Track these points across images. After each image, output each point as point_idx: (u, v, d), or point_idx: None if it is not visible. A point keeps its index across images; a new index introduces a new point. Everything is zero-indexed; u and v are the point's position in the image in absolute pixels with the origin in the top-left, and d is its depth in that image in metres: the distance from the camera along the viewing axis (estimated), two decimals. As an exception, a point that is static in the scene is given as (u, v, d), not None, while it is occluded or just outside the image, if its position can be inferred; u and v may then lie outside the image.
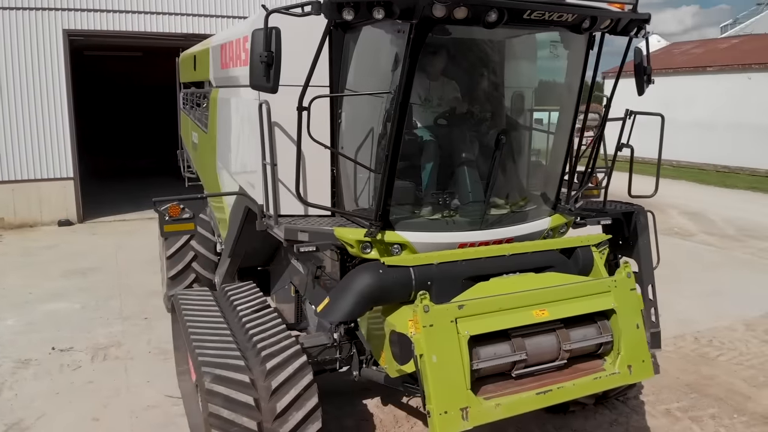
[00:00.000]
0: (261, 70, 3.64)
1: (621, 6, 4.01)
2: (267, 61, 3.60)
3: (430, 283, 3.86)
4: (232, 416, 4.14)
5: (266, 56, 3.59)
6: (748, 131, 20.44)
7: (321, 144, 4.00)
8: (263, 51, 3.60)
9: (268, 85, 3.68)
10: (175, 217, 4.81)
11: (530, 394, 3.75)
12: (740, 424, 5.57)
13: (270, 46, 3.62)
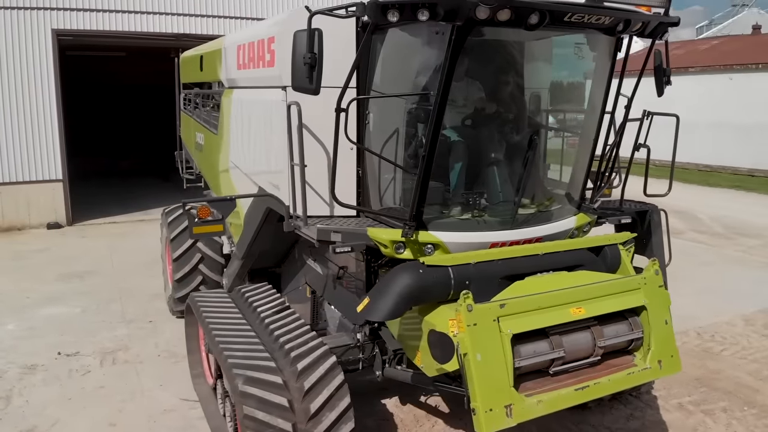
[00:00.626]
0: (304, 71, 3.64)
1: (648, 8, 4.10)
2: (310, 63, 3.60)
3: (468, 282, 3.89)
4: (267, 418, 4.13)
5: (310, 58, 3.59)
6: (730, 131, 20.90)
7: (359, 146, 4.01)
8: (307, 52, 3.60)
9: (311, 86, 3.68)
10: (204, 219, 4.77)
11: (569, 390, 3.82)
12: (751, 416, 5.71)
13: (313, 47, 3.62)
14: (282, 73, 4.61)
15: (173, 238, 7.76)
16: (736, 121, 20.71)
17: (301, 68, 3.67)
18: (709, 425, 5.57)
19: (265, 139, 5.16)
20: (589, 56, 4.38)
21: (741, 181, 20.13)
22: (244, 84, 5.73)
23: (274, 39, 4.65)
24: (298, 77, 3.72)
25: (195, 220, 4.72)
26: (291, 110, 4.43)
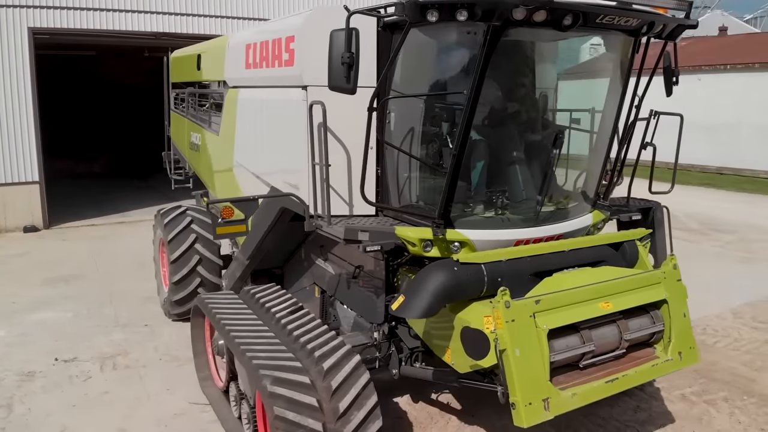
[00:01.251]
0: (341, 71, 3.63)
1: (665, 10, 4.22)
2: (348, 62, 3.60)
3: (500, 279, 3.95)
4: (297, 418, 4.11)
5: (348, 57, 3.59)
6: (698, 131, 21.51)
7: (391, 145, 4.03)
8: (345, 52, 3.59)
9: (348, 86, 3.69)
10: (227, 219, 4.71)
11: (600, 383, 3.91)
12: (751, 405, 5.91)
13: (351, 47, 3.62)
14: (303, 73, 4.61)
15: (171, 240, 7.63)
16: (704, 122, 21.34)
17: (338, 68, 3.67)
18: (713, 414, 5.75)
19: (280, 138, 5.13)
20: (609, 57, 4.49)
21: (710, 179, 20.76)
22: (253, 83, 5.68)
23: (293, 38, 4.63)
24: (335, 77, 3.72)
25: (218, 221, 4.67)
26: (313, 110, 4.42)
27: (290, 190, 4.94)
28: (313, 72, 4.59)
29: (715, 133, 21.21)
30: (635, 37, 4.18)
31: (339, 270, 5.57)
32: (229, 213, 4.67)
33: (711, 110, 21.10)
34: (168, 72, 9.65)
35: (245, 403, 5.19)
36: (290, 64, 4.75)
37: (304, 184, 4.79)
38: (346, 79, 3.67)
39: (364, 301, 5.21)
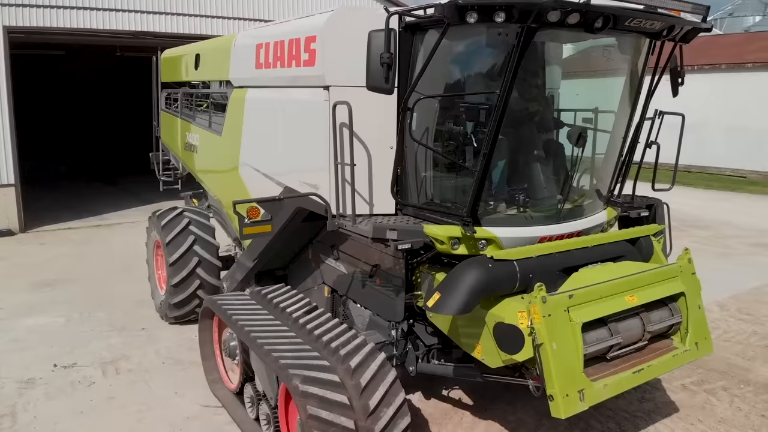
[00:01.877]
0: (380, 71, 3.67)
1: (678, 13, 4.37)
2: (388, 63, 3.63)
3: (531, 275, 4.04)
4: (330, 416, 4.13)
5: (388, 57, 3.62)
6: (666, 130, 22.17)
7: (422, 144, 4.08)
8: (384, 52, 3.63)
9: (386, 86, 3.72)
10: (254, 220, 4.68)
11: (628, 374, 4.04)
12: (749, 393, 6.16)
13: (390, 47, 3.65)
14: (325, 73, 4.62)
15: (169, 242, 7.53)
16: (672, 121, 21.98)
17: (377, 68, 3.70)
18: (714, 403, 5.96)
19: (298, 138, 5.12)
20: (628, 59, 4.62)
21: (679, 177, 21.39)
22: (265, 83, 5.65)
23: (315, 38, 4.63)
24: (374, 77, 3.75)
25: (245, 221, 4.64)
26: (337, 110, 4.45)
27: (308, 190, 4.94)
28: (335, 72, 4.62)
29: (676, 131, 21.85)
30: (656, 39, 4.34)
31: (352, 269, 5.59)
32: (255, 213, 4.65)
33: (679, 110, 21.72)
34: (158, 72, 9.49)
35: (264, 404, 5.18)
36: (310, 64, 4.75)
37: (324, 183, 4.80)
38: (384, 79, 3.71)
39: (381, 300, 5.24)
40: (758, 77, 20.75)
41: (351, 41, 4.56)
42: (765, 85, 20.55)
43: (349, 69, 4.60)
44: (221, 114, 7.02)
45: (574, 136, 4.53)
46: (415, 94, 4.00)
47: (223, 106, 7.10)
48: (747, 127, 20.92)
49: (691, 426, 5.53)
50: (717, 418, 5.66)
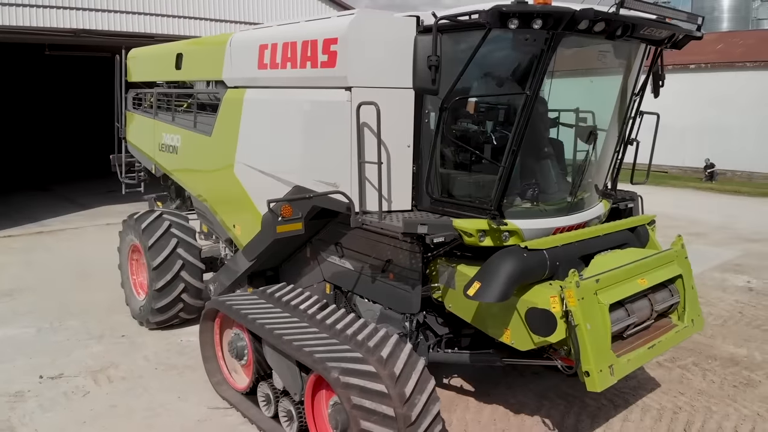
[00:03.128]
0: (427, 73, 3.85)
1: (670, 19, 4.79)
2: (436, 65, 3.82)
3: (558, 263, 4.35)
4: (373, 405, 4.28)
5: (435, 60, 3.81)
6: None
7: (456, 142, 4.29)
8: (432, 55, 3.81)
9: (433, 87, 3.91)
10: (287, 218, 4.72)
11: (644, 349, 4.44)
12: (717, 367, 6.78)
13: (437, 50, 3.84)
14: (348, 74, 4.74)
15: (151, 246, 7.37)
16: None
17: (424, 70, 3.88)
18: (689, 377, 6.54)
19: (314, 137, 5.20)
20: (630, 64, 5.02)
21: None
22: (270, 84, 5.67)
23: (336, 40, 4.75)
24: (421, 78, 3.92)
25: (278, 219, 4.67)
26: (361, 110, 4.60)
27: (326, 188, 5.04)
28: (357, 73, 4.74)
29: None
30: (657, 46, 4.77)
31: (360, 265, 5.72)
32: (288, 212, 4.71)
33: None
34: (122, 72, 9.19)
35: (286, 401, 5.23)
36: (330, 66, 4.86)
37: (345, 181, 4.91)
38: (432, 81, 3.90)
39: (394, 293, 5.39)
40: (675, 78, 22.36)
41: (372, 43, 4.73)
42: (681, 85, 22.16)
43: (370, 70, 4.76)
44: (209, 114, 6.95)
45: (585, 133, 4.90)
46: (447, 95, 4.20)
47: (211, 106, 7.05)
48: (668, 126, 22.50)
49: (675, 398, 6.05)
50: (695, 390, 6.21)
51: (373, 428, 4.22)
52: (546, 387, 6.30)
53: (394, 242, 5.25)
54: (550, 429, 5.54)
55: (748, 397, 6.03)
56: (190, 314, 7.81)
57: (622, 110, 5.23)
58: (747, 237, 13.32)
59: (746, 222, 15.00)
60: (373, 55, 4.76)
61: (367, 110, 4.60)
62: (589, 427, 5.55)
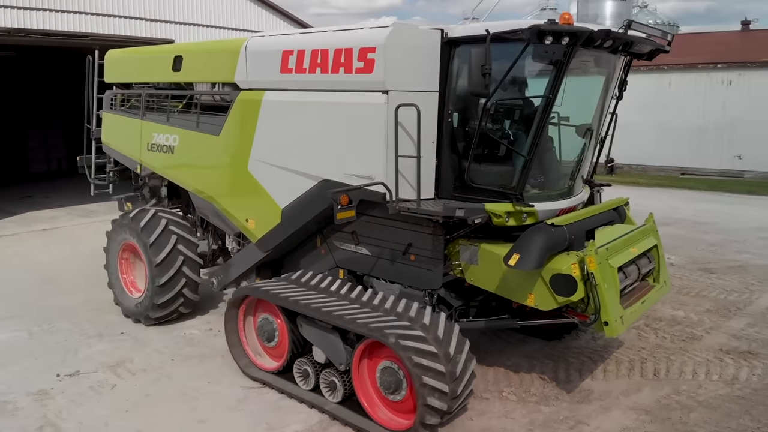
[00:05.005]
0: (481, 80, 4.61)
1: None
2: (489, 72, 4.59)
3: (573, 237, 5.26)
4: (429, 363, 4.98)
5: (488, 68, 4.58)
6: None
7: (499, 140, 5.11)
8: (486, 65, 4.58)
9: (486, 92, 4.68)
10: (345, 205, 5.25)
11: (638, 304, 5.47)
12: (665, 326, 8.05)
13: (489, 60, 4.61)
14: (386, 79, 5.40)
15: (152, 243, 7.59)
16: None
17: (478, 77, 4.63)
18: (644, 335, 7.74)
19: (348, 135, 5.77)
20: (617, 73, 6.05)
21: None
22: (296, 87, 6.14)
23: (375, 50, 5.38)
24: (476, 84, 4.67)
25: (338, 207, 5.21)
26: (399, 111, 5.29)
27: (360, 182, 5.64)
28: (394, 79, 5.42)
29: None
30: (639, 58, 5.82)
31: (378, 251, 6.36)
32: (345, 200, 5.26)
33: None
34: (94, 72, 9.15)
35: (329, 372, 5.78)
36: (367, 72, 5.48)
37: (380, 174, 5.55)
38: (485, 86, 4.66)
39: (415, 273, 6.09)
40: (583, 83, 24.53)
41: (405, 52, 5.44)
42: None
43: (403, 76, 5.47)
44: (215, 114, 7.29)
45: (582, 130, 5.88)
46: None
47: (216, 107, 7.39)
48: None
49: (639, 352, 7.20)
50: (653, 345, 7.42)
51: (432, 383, 4.92)
52: (532, 350, 7.26)
53: (416, 227, 5.96)
54: (547, 382, 6.47)
55: (696, 348, 7.32)
56: (187, 308, 8.08)
57: (605, 111, 6.26)
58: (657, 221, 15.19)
59: (652, 209, 16.93)
60: (406, 62, 5.47)
61: (402, 111, 5.30)
62: (579, 378, 6.55)
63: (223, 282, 7.70)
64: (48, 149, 25.91)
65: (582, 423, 5.62)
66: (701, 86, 23.86)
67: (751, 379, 6.49)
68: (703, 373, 6.61)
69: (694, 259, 11.45)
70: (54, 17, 14.12)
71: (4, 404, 5.97)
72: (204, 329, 7.90)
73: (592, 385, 6.40)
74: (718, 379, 6.48)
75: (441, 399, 4.96)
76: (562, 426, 5.58)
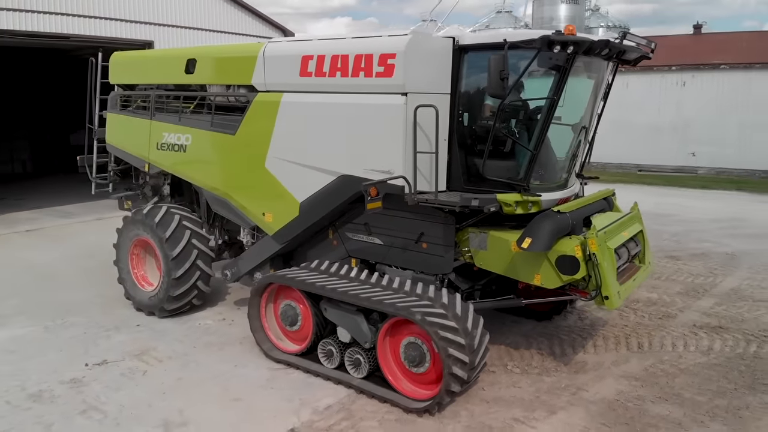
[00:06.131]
0: (500, 84, 5.21)
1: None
2: (506, 77, 5.20)
3: (574, 223, 5.93)
4: (452, 336, 5.56)
5: (506, 73, 5.19)
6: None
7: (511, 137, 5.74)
8: (504, 70, 5.19)
9: (503, 93, 5.29)
10: (374, 197, 5.75)
11: (630, 282, 6.18)
12: (642, 306, 8.82)
13: (506, 66, 5.22)
14: (405, 83, 5.95)
15: (168, 238, 7.94)
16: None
17: (497, 81, 5.23)
18: (624, 315, 8.51)
19: (368, 133, 6.26)
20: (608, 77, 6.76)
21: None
22: (315, 89, 6.61)
23: (395, 56, 5.92)
24: (495, 87, 5.27)
25: (368, 198, 5.71)
26: (418, 111, 5.86)
27: (379, 176, 6.16)
28: (412, 82, 5.97)
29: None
30: (627, 64, 6.54)
31: (391, 240, 6.90)
32: (375, 191, 5.77)
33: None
34: (97, 74, 9.39)
35: (354, 350, 6.30)
36: (387, 75, 6.00)
37: (399, 168, 6.09)
38: (503, 89, 5.27)
39: (427, 259, 6.65)
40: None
41: (422, 58, 6.01)
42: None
43: (420, 80, 6.03)
44: (231, 115, 7.70)
45: (577, 128, 6.57)
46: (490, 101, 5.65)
47: (231, 108, 7.80)
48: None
49: (622, 329, 7.94)
50: (633, 323, 8.19)
51: (456, 354, 5.49)
52: (527, 329, 7.93)
53: (428, 217, 6.53)
54: (545, 356, 7.14)
55: (673, 324, 8.12)
56: (199, 300, 8.45)
57: (596, 111, 6.97)
58: (620, 215, 16.21)
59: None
60: (422, 67, 6.04)
61: (419, 110, 5.87)
62: (573, 352, 7.24)
63: (237, 274, 8.10)
64: (12, 151, 25.51)
65: (582, 390, 6.30)
66: (657, 87, 25.26)
67: (724, 349, 7.30)
68: (682, 346, 7.40)
69: (660, 247, 12.37)
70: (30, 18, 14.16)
71: (41, 393, 6.25)
72: (217, 320, 8.29)
73: (586, 357, 7.11)
74: (696, 350, 7.27)
75: (462, 368, 5.55)
76: (565, 393, 6.24)
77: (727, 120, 23.47)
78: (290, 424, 5.58)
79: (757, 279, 10.21)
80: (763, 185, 21.58)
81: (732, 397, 6.11)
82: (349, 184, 6.50)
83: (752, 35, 26.96)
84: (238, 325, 7.98)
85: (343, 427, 5.55)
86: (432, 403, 5.67)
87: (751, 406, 5.93)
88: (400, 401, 5.89)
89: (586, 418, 5.75)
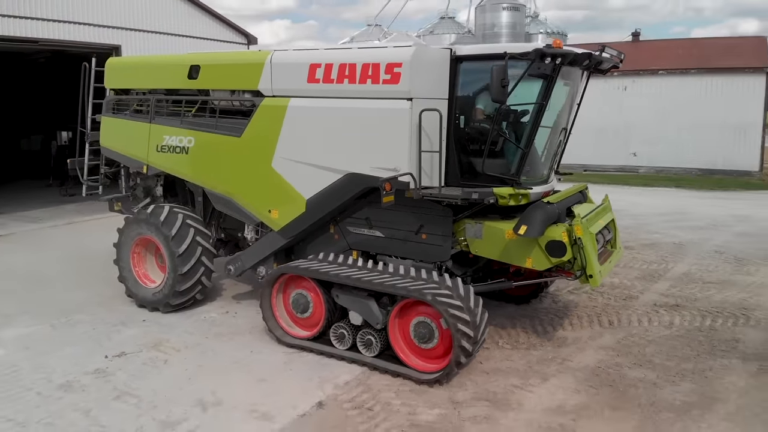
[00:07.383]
0: (501, 90, 5.96)
1: None
2: (507, 84, 5.96)
3: (560, 212, 6.76)
4: (459, 314, 6.28)
5: (506, 81, 5.95)
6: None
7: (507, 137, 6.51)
8: (505, 79, 5.94)
9: (505, 99, 6.04)
10: (388, 191, 6.37)
11: (607, 263, 7.08)
12: (607, 290, 9.79)
13: (507, 75, 5.98)
14: (411, 89, 6.64)
15: (174, 236, 8.34)
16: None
17: (499, 88, 5.98)
18: (594, 297, 9.41)
19: (375, 134, 6.89)
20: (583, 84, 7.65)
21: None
22: (322, 94, 7.21)
23: (401, 65, 6.60)
24: (497, 93, 6.01)
25: (383, 192, 6.33)
26: (423, 115, 6.57)
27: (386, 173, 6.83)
28: (416, 88, 6.67)
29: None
30: (601, 73, 7.45)
31: (392, 233, 7.56)
32: (389, 186, 6.40)
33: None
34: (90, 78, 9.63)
35: (366, 332, 6.92)
36: (393, 83, 6.67)
37: (404, 166, 6.76)
38: (505, 94, 6.02)
39: (427, 249, 7.36)
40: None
41: (425, 67, 6.72)
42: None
43: (423, 86, 6.73)
44: (236, 118, 8.19)
45: (559, 129, 7.43)
46: None
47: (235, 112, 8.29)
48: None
49: (593, 309, 8.87)
50: (602, 304, 9.12)
51: (464, 329, 6.20)
52: (510, 312, 8.75)
53: (427, 210, 7.24)
54: (530, 334, 7.96)
55: (637, 304, 9.11)
56: (202, 295, 8.87)
57: (572, 114, 7.86)
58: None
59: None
60: (425, 75, 6.75)
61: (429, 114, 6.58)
62: (553, 330, 8.09)
63: (240, 269, 8.56)
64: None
65: (567, 360, 7.14)
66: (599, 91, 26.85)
67: (683, 323, 8.32)
68: (647, 321, 8.38)
69: (615, 239, 13.51)
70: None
71: (69, 384, 6.56)
72: (221, 313, 8.72)
73: (565, 334, 7.97)
74: (659, 325, 8.26)
75: (468, 342, 6.27)
76: (553, 363, 7.06)
77: (665, 122, 25.30)
78: (317, 398, 6.16)
79: (703, 264, 11.43)
80: (700, 182, 23.45)
81: (696, 362, 7.08)
82: (356, 181, 7.13)
83: (687, 42, 28.99)
84: (243, 317, 8.46)
85: (365, 399, 6.17)
86: (442, 374, 6.36)
87: (714, 368, 6.91)
88: (412, 374, 6.56)
89: (575, 382, 6.57)
